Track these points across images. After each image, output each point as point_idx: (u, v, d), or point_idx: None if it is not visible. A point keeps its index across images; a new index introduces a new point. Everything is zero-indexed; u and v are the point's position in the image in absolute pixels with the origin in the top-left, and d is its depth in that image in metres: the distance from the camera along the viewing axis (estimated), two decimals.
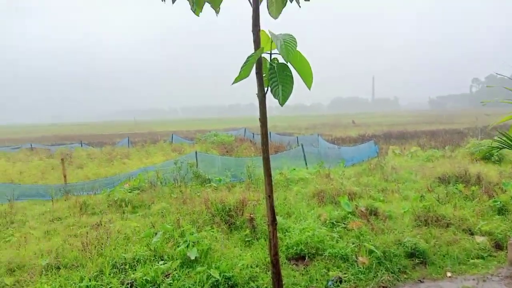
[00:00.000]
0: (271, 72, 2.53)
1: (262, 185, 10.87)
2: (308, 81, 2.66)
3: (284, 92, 2.51)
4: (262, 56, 2.55)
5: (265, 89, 2.67)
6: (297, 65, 2.58)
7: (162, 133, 47.78)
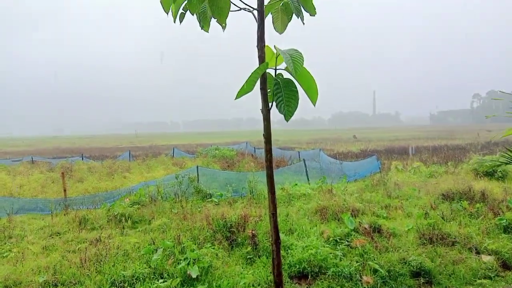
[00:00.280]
0: (276, 88, 2.49)
1: (264, 201, 10.82)
2: (313, 97, 2.62)
3: (290, 108, 2.46)
4: (267, 72, 2.51)
5: (270, 105, 2.62)
6: (303, 81, 2.54)
7: (164, 147, 47.83)
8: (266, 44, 2.50)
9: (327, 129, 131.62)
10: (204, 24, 2.66)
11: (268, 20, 2.75)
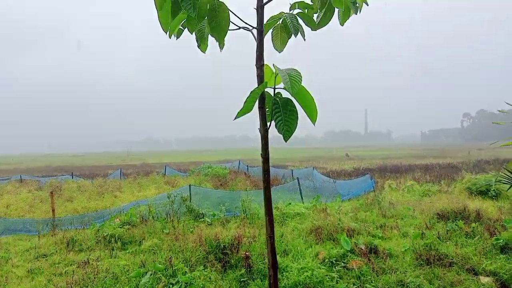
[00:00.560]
0: (275, 107, 2.42)
1: (258, 220, 10.64)
2: (313, 116, 2.56)
3: (289, 128, 2.39)
4: (266, 91, 2.44)
5: (268, 124, 2.54)
6: (301, 100, 2.48)
7: (156, 165, 47.41)
8: (265, 63, 2.45)
9: (320, 147, 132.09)
10: (202, 43, 2.60)
11: (267, 39, 2.71)
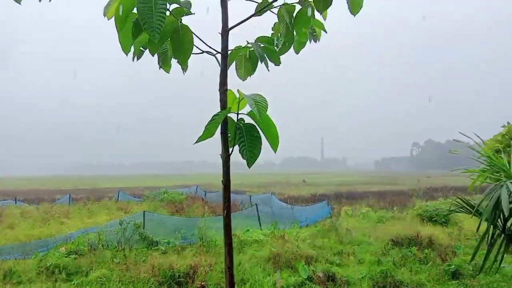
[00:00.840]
0: (239, 133, 2.35)
1: (215, 248, 10.34)
2: (274, 144, 2.51)
3: (253, 154, 2.33)
4: (228, 116, 2.38)
5: (230, 150, 2.46)
6: (264, 127, 2.43)
7: (108, 190, 45.41)
8: (229, 88, 2.39)
9: (278, 173, 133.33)
10: (164, 65, 2.51)
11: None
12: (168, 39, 2.33)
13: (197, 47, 2.41)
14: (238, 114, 2.38)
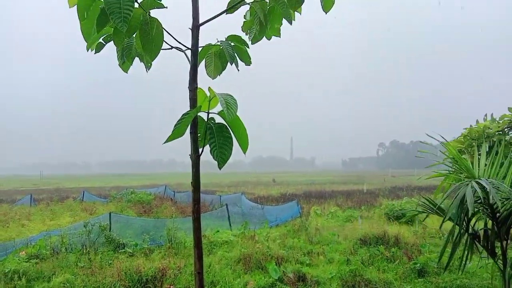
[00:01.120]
0: (210, 133, 2.26)
1: (184, 250, 10.14)
2: (244, 145, 2.44)
3: (224, 155, 2.24)
4: (198, 115, 2.27)
5: (200, 150, 2.36)
6: (234, 128, 2.35)
7: (72, 190, 43.85)
8: (199, 87, 2.28)
9: (248, 172, 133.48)
10: (127, 60, 2.36)
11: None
12: (136, 33, 2.19)
13: (166, 43, 2.29)
14: (209, 113, 2.29)
